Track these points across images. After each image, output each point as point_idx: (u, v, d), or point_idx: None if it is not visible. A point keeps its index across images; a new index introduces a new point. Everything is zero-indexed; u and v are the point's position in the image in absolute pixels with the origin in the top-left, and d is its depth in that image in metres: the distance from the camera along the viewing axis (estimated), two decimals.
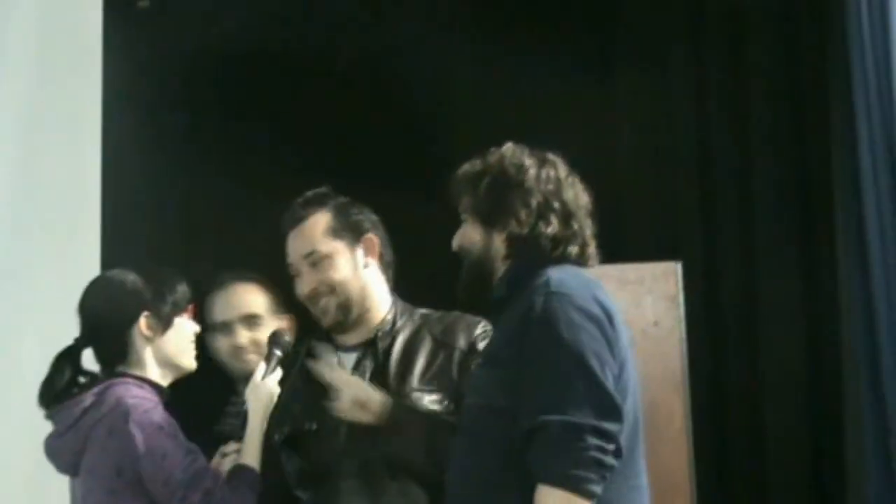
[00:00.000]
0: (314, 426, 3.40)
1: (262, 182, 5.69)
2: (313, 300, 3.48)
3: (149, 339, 3.27)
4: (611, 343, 2.84)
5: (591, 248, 3.13)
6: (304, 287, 3.48)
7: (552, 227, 3.05)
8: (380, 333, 3.46)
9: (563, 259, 3.05)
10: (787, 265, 5.69)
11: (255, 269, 4.24)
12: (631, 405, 2.88)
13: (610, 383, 2.79)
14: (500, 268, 3.08)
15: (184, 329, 3.37)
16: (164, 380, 3.30)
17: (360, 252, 3.50)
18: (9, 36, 4.94)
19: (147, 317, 3.26)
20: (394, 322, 3.49)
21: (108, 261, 4.68)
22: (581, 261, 3.09)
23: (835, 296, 5.35)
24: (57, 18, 5.11)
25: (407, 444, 3.25)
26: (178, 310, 3.35)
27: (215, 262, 4.26)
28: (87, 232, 4.89)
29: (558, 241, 3.05)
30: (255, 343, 3.85)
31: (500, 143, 5.95)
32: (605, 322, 2.86)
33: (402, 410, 3.29)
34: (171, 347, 3.31)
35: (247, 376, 3.58)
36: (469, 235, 3.13)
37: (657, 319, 5.11)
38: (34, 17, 5.03)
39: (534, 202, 3.06)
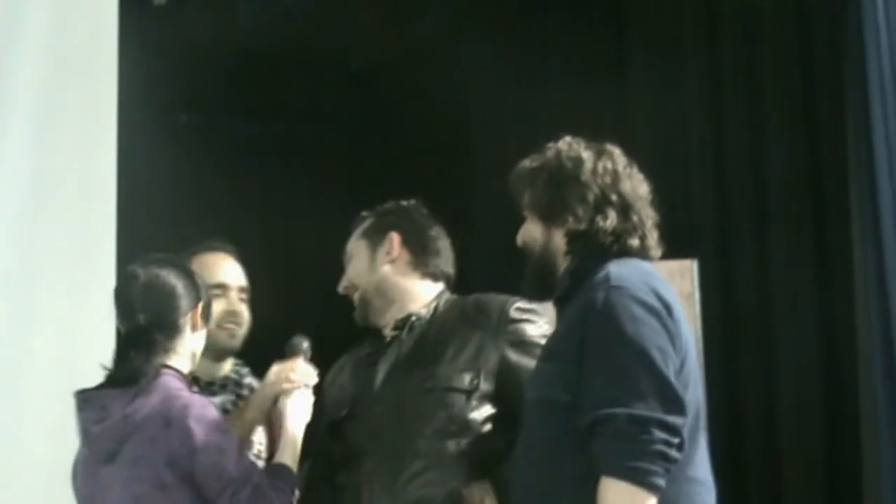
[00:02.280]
0: (344, 412, 3.46)
1: (276, 179, 5.71)
2: (350, 295, 3.61)
3: (192, 333, 3.28)
4: (672, 336, 2.83)
5: (652, 240, 3.10)
6: (339, 285, 3.63)
7: (611, 220, 3.03)
8: (413, 318, 3.50)
9: (624, 252, 3.02)
10: (802, 262, 5.68)
11: (272, 266, 4.26)
12: (692, 397, 2.86)
13: (672, 376, 2.78)
14: (562, 263, 3.07)
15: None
16: (187, 371, 3.31)
17: (381, 250, 3.58)
18: (25, 33, 4.95)
19: (195, 312, 3.28)
20: (434, 311, 3.52)
21: (123, 257, 4.69)
22: (642, 253, 3.07)
23: (850, 292, 5.34)
24: (73, 16, 5.11)
25: None
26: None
27: None
28: (102, 228, 4.89)
29: (618, 235, 3.03)
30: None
31: (514, 142, 6.01)
32: (665, 315, 2.84)
33: None
34: (201, 341, 3.33)
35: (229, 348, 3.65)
36: (530, 232, 3.13)
37: None
38: (50, 15, 5.04)
39: (591, 196, 3.04)
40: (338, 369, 3.66)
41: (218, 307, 3.63)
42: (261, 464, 3.49)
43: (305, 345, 3.54)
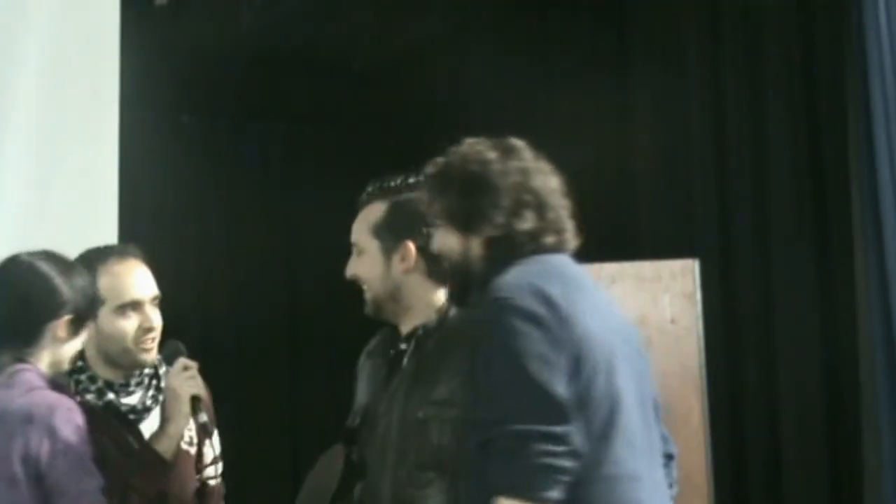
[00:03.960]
0: (357, 422, 3.40)
1: (278, 180, 5.71)
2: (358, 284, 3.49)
3: (54, 343, 3.22)
4: (557, 340, 2.77)
5: (568, 233, 3.02)
6: (347, 270, 3.46)
7: (527, 221, 2.97)
8: (420, 331, 3.45)
9: (540, 251, 2.97)
10: (803, 262, 5.68)
11: (271, 265, 4.24)
12: (604, 392, 2.80)
13: (556, 384, 2.73)
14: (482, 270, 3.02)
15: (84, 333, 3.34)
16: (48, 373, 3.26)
17: (396, 257, 3.43)
18: (27, 34, 4.95)
19: (67, 321, 3.22)
20: (440, 322, 3.47)
21: None
22: (559, 248, 3.01)
23: (852, 292, 5.34)
24: (74, 17, 5.11)
25: None
26: (92, 314, 3.32)
27: (229, 259, 4.25)
28: (104, 228, 4.89)
29: (535, 235, 2.97)
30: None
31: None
32: (548, 319, 2.78)
33: None
34: (69, 351, 3.27)
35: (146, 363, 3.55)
36: (446, 241, 3.07)
37: (674, 317, 5.11)
38: (51, 16, 5.04)
39: (504, 200, 2.97)
40: (360, 368, 3.55)
41: (132, 323, 3.47)
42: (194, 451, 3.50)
43: (181, 346, 3.54)
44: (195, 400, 3.46)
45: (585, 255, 5.40)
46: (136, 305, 3.48)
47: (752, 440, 5.75)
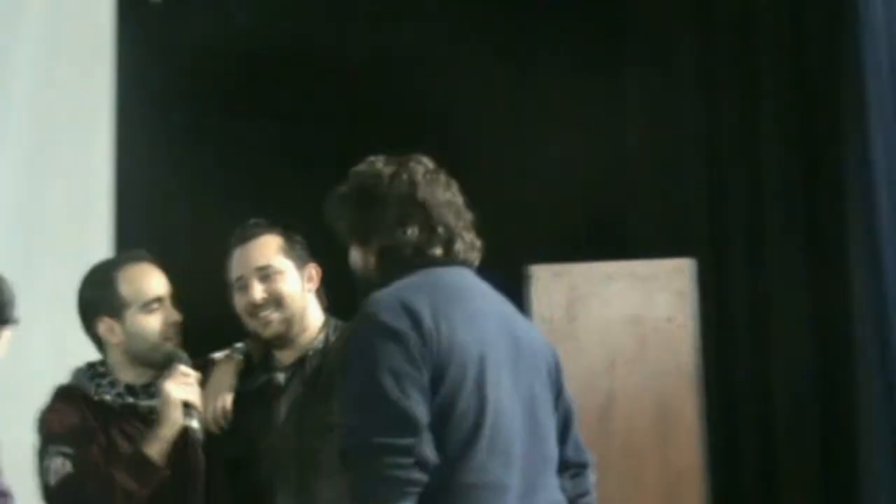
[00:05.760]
0: (244, 449, 3.56)
1: (271, 177, 5.70)
2: (257, 310, 3.61)
3: None
4: (416, 355, 2.85)
5: (459, 244, 3.09)
6: (254, 296, 3.61)
7: (412, 232, 3.05)
8: (310, 352, 3.60)
9: (428, 263, 3.05)
10: (798, 261, 5.68)
11: None
12: (470, 402, 2.88)
13: (408, 398, 2.81)
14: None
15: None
16: None
17: (304, 276, 3.68)
18: (22, 30, 4.96)
19: None
20: (326, 340, 3.63)
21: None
22: (448, 260, 3.08)
23: (846, 291, 5.34)
24: (69, 13, 5.12)
25: None
26: (8, 318, 3.34)
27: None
28: (99, 224, 4.90)
29: (420, 247, 3.06)
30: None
31: (508, 140, 6.00)
32: (408, 334, 2.86)
33: None
34: None
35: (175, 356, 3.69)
36: (352, 256, 3.18)
37: (670, 316, 5.12)
38: (46, 12, 5.04)
39: (391, 213, 3.07)
40: (239, 402, 3.66)
41: (157, 319, 3.66)
42: None
43: (182, 353, 3.65)
44: (187, 406, 3.54)
45: (580, 254, 5.41)
46: (159, 301, 3.68)
47: (746, 438, 5.74)
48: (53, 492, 3.49)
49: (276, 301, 3.60)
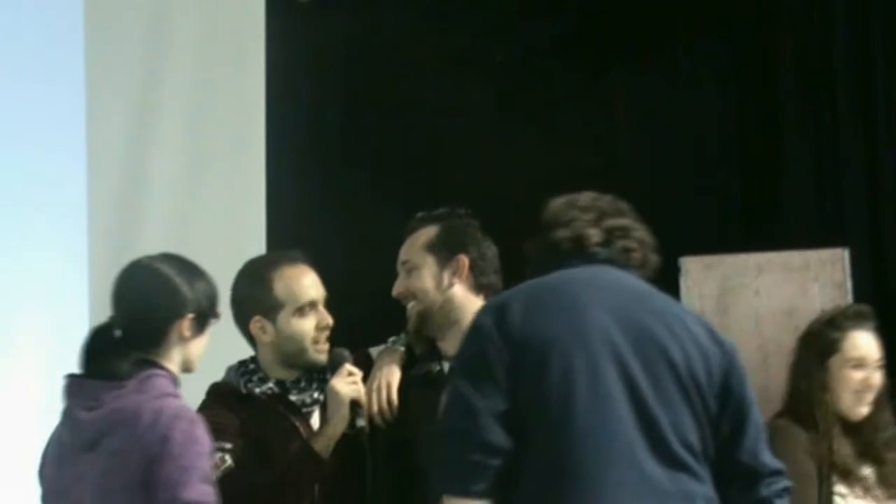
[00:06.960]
0: (409, 435, 3.63)
1: (421, 176, 5.71)
2: (403, 302, 3.78)
3: (180, 342, 3.29)
4: (487, 348, 2.97)
5: (588, 240, 3.17)
6: (394, 288, 3.78)
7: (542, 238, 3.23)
8: None
9: (562, 264, 3.15)
10: None
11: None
12: (550, 392, 2.94)
13: (479, 387, 2.93)
14: None
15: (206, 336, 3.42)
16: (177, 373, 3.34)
17: (449, 271, 3.74)
18: (173, 35, 5.05)
19: (191, 319, 3.29)
20: None
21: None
22: (587, 258, 3.16)
23: None
24: (220, 16, 5.19)
25: None
26: (213, 315, 3.39)
27: (377, 258, 4.27)
28: (252, 226, 4.97)
29: (557, 246, 3.19)
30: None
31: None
32: (492, 329, 2.98)
33: None
34: (195, 351, 3.33)
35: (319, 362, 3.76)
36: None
37: (824, 307, 5.04)
38: (198, 15, 5.13)
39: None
40: (403, 391, 3.75)
41: (311, 323, 3.74)
42: None
43: (347, 353, 3.75)
44: (355, 405, 3.62)
45: (729, 246, 5.34)
46: (312, 305, 3.75)
47: None
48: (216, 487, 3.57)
49: (411, 295, 3.73)
